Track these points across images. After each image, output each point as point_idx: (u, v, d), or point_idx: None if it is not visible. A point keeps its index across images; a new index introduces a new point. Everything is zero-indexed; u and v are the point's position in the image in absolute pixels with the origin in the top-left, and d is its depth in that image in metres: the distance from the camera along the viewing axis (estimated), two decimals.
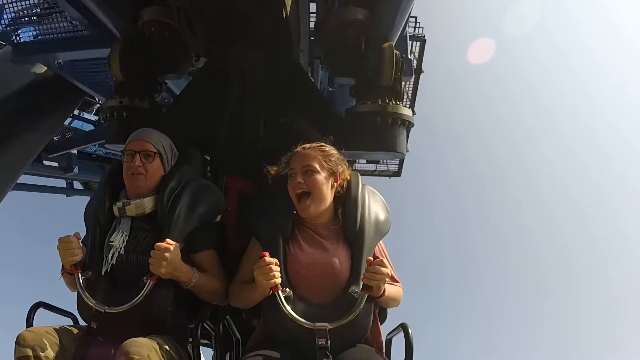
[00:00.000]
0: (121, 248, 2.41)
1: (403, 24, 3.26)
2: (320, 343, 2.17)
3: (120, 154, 2.60)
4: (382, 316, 2.53)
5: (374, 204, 2.53)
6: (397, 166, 8.43)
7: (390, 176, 8.53)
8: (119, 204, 2.46)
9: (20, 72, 6.41)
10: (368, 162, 6.96)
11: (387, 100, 3.10)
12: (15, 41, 6.11)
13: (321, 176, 2.40)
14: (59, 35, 5.88)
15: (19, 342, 2.13)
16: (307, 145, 2.47)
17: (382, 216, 2.52)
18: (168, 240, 2.30)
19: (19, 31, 6.18)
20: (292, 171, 2.41)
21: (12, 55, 6.01)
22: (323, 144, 2.51)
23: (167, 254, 2.25)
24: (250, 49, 3.15)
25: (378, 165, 8.08)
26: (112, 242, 2.42)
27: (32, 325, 2.41)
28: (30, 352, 2.10)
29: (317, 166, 2.40)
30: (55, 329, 2.29)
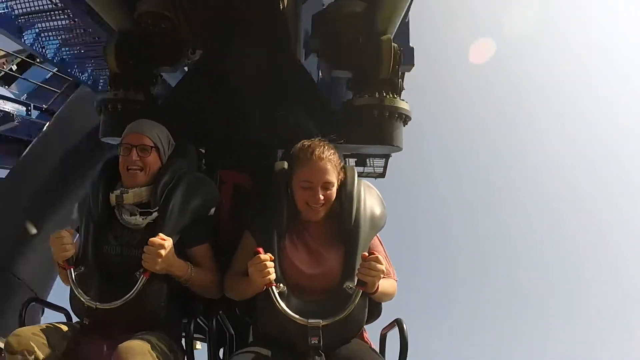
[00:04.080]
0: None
1: (402, 16, 3.22)
2: (312, 342, 2.16)
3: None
4: (377, 311, 2.52)
5: (370, 198, 2.51)
6: (382, 168, 8.50)
7: (375, 177, 8.56)
8: (117, 192, 2.43)
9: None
10: (356, 164, 6.99)
11: (385, 94, 3.07)
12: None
13: (335, 187, 2.41)
14: None
15: (7, 349, 2.13)
16: (323, 156, 2.38)
17: (377, 211, 2.50)
18: (161, 235, 2.28)
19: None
20: (311, 184, 2.35)
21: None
22: (325, 144, 2.46)
23: (161, 250, 2.23)
24: (247, 42, 3.13)
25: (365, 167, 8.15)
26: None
27: (24, 321, 2.42)
28: (19, 358, 2.10)
29: (334, 181, 2.39)
30: (42, 329, 2.28)
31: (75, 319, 2.53)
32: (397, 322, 2.33)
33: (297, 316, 2.19)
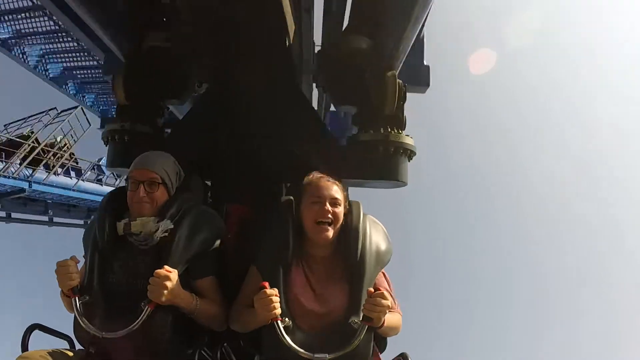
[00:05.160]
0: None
1: (407, 51, 3.28)
2: None
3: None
4: (382, 345, 2.53)
5: (375, 234, 2.53)
6: None
7: None
8: (124, 220, 2.45)
9: None
10: None
11: (390, 129, 3.10)
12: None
13: (342, 208, 2.46)
14: None
15: None
16: (327, 178, 2.51)
17: (383, 246, 2.52)
18: (167, 267, 2.28)
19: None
20: (318, 199, 2.43)
21: None
22: (329, 176, 2.54)
23: (166, 282, 2.23)
24: (252, 76, 3.17)
25: None
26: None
27: (27, 348, 2.39)
28: None
29: (341, 200, 2.46)
30: (49, 352, 2.28)
31: (78, 346, 2.51)
32: (403, 357, 2.34)
33: (302, 350, 2.20)
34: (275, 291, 2.23)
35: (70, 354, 2.35)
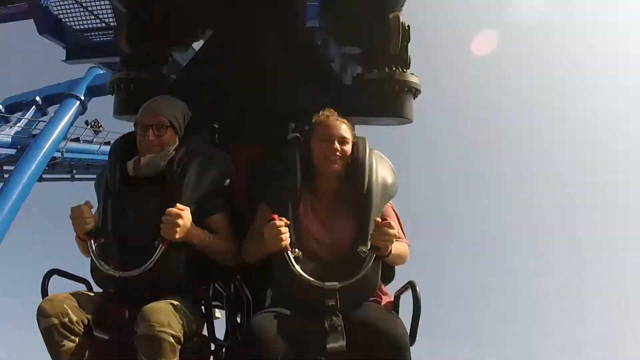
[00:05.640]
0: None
1: None
2: (330, 303, 2.23)
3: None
4: (391, 274, 2.59)
5: (382, 168, 2.58)
6: None
7: None
8: (134, 159, 2.50)
9: None
10: None
11: (394, 68, 3.11)
12: None
13: (350, 146, 2.54)
14: None
15: (41, 314, 2.20)
16: (336, 117, 2.58)
17: (389, 179, 2.58)
18: (179, 205, 2.33)
19: None
20: (327, 138, 2.50)
21: None
22: (336, 113, 2.61)
23: (178, 220, 2.28)
24: (256, 17, 3.16)
25: None
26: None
27: (47, 292, 2.45)
28: (55, 321, 2.18)
29: (349, 138, 2.54)
30: (72, 294, 2.36)
31: (95, 290, 2.58)
32: (410, 285, 2.38)
33: (313, 279, 2.27)
34: (284, 222, 2.29)
35: (91, 294, 2.43)
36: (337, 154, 2.47)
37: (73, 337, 2.21)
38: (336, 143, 2.48)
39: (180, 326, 2.18)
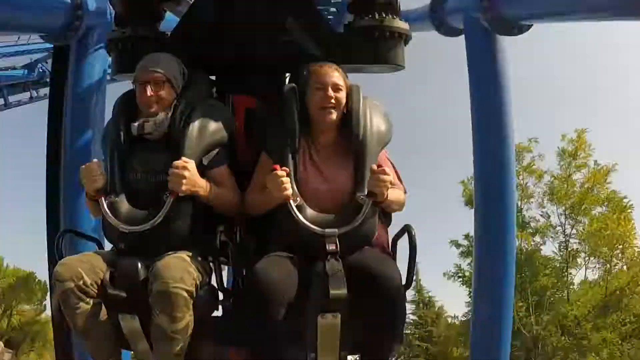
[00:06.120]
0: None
1: None
2: (330, 248, 2.34)
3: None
4: (387, 220, 2.70)
5: (376, 116, 2.66)
6: None
7: None
8: (138, 122, 2.56)
9: None
10: None
11: (384, 15, 3.15)
12: None
13: (344, 93, 2.60)
14: None
15: (57, 279, 2.30)
16: (329, 65, 2.65)
17: (383, 127, 2.67)
18: (184, 158, 2.43)
19: None
20: (321, 86, 2.57)
21: None
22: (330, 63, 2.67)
23: (184, 172, 2.38)
24: None
25: None
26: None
27: (62, 253, 2.58)
28: (71, 284, 2.28)
29: (343, 85, 2.60)
30: (85, 255, 2.49)
31: (107, 247, 2.71)
32: (407, 228, 2.52)
33: (314, 227, 2.38)
34: (285, 172, 2.40)
35: (103, 252, 2.54)
36: (332, 101, 2.54)
37: (87, 300, 2.31)
38: (330, 90, 2.55)
39: (192, 280, 2.30)
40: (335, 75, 2.60)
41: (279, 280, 2.26)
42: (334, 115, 2.56)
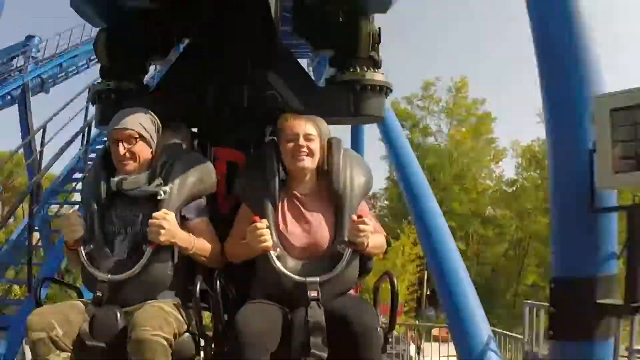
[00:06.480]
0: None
1: None
2: (312, 295, 2.36)
3: None
4: (368, 267, 2.71)
5: (356, 167, 2.69)
6: None
7: None
8: (117, 178, 2.57)
9: None
10: None
11: (366, 68, 3.22)
12: None
13: (317, 142, 2.62)
14: None
15: (30, 328, 2.26)
16: (302, 116, 2.68)
17: (363, 179, 2.69)
18: (164, 209, 2.44)
19: None
20: (293, 136, 2.58)
21: None
22: (302, 114, 2.71)
23: (164, 223, 2.39)
24: (233, 25, 3.24)
25: None
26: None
27: (39, 300, 2.59)
28: (42, 335, 2.24)
29: (315, 134, 2.61)
30: (60, 305, 2.45)
31: (86, 297, 2.64)
32: (388, 274, 2.53)
33: (295, 276, 2.40)
34: (265, 223, 2.42)
35: (81, 304, 2.49)
36: (303, 150, 2.56)
37: (58, 352, 2.27)
38: (301, 140, 2.56)
39: (171, 329, 2.27)
40: (306, 125, 2.62)
41: (261, 330, 2.24)
42: (307, 162, 2.58)
